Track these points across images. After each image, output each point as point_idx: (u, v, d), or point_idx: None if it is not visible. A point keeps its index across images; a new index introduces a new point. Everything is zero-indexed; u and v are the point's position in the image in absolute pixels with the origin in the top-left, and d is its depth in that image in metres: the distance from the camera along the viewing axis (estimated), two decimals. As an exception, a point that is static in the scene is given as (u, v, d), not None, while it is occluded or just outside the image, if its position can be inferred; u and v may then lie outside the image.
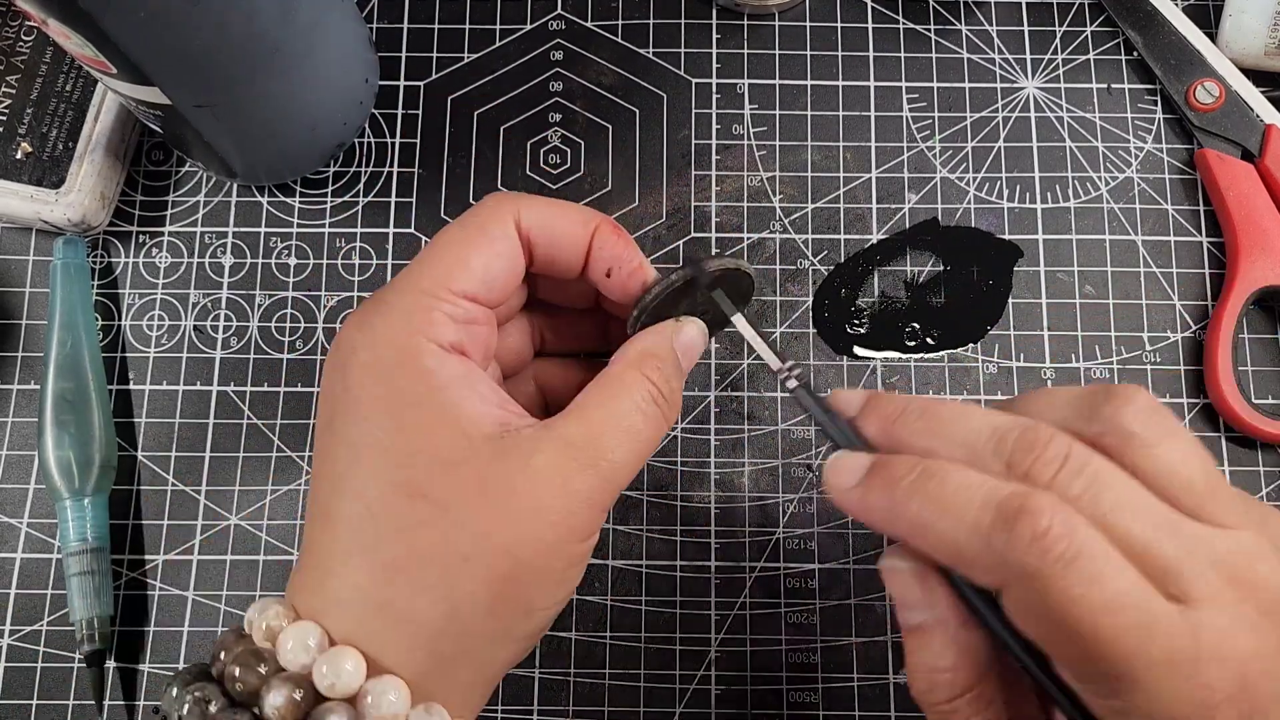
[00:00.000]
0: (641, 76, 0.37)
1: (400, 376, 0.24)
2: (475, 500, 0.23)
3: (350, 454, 0.24)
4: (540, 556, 0.24)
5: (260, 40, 0.29)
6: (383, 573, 0.23)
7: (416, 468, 0.23)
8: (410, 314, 0.25)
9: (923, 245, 0.36)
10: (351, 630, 0.23)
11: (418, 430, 0.24)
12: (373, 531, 0.23)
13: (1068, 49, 0.37)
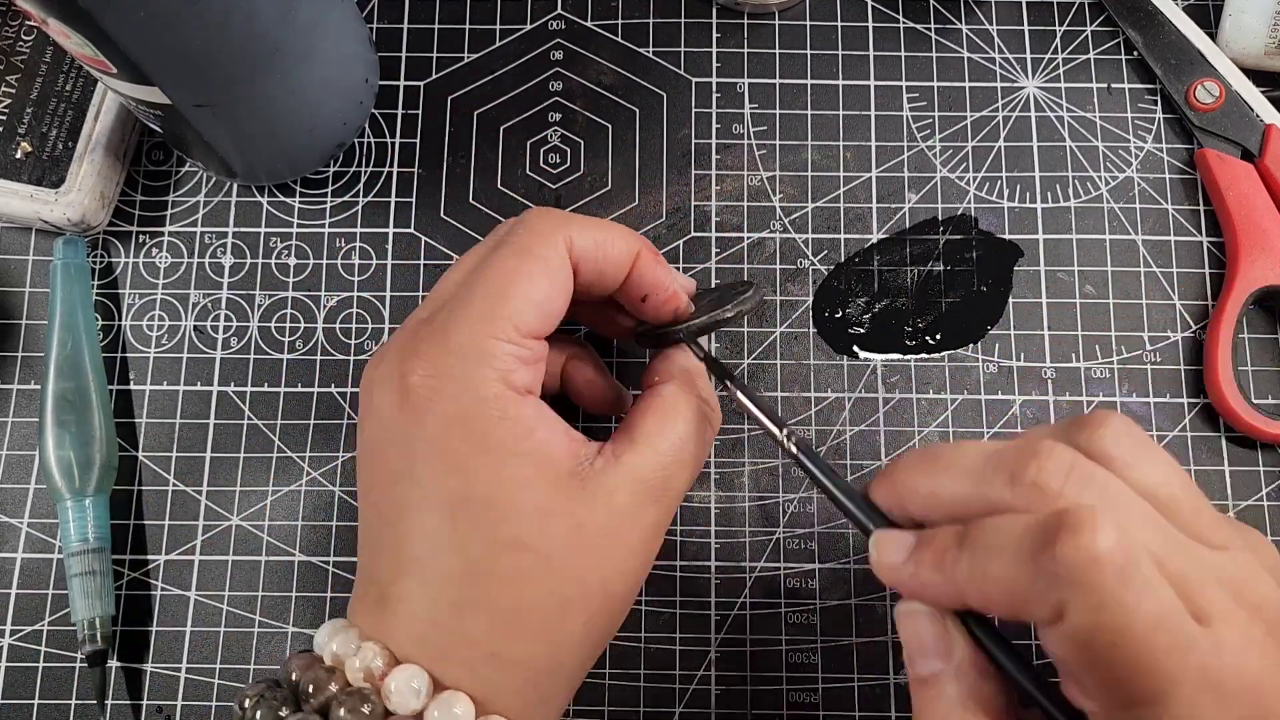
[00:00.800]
0: (641, 76, 0.37)
1: (492, 431, 0.24)
2: (573, 547, 0.24)
3: (444, 509, 0.24)
4: (628, 587, 0.26)
5: (260, 40, 0.29)
6: (493, 625, 0.24)
7: (519, 521, 0.24)
8: (487, 359, 0.25)
9: (923, 245, 0.36)
10: (460, 679, 0.24)
11: (519, 485, 0.24)
12: (484, 584, 0.24)
13: (1068, 48, 0.37)
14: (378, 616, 0.24)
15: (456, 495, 0.24)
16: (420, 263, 0.36)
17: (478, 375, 0.24)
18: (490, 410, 0.24)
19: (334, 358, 0.35)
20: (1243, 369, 0.34)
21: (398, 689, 0.23)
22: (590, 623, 0.25)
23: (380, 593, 0.24)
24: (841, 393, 0.34)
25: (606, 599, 0.25)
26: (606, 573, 0.25)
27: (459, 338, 0.25)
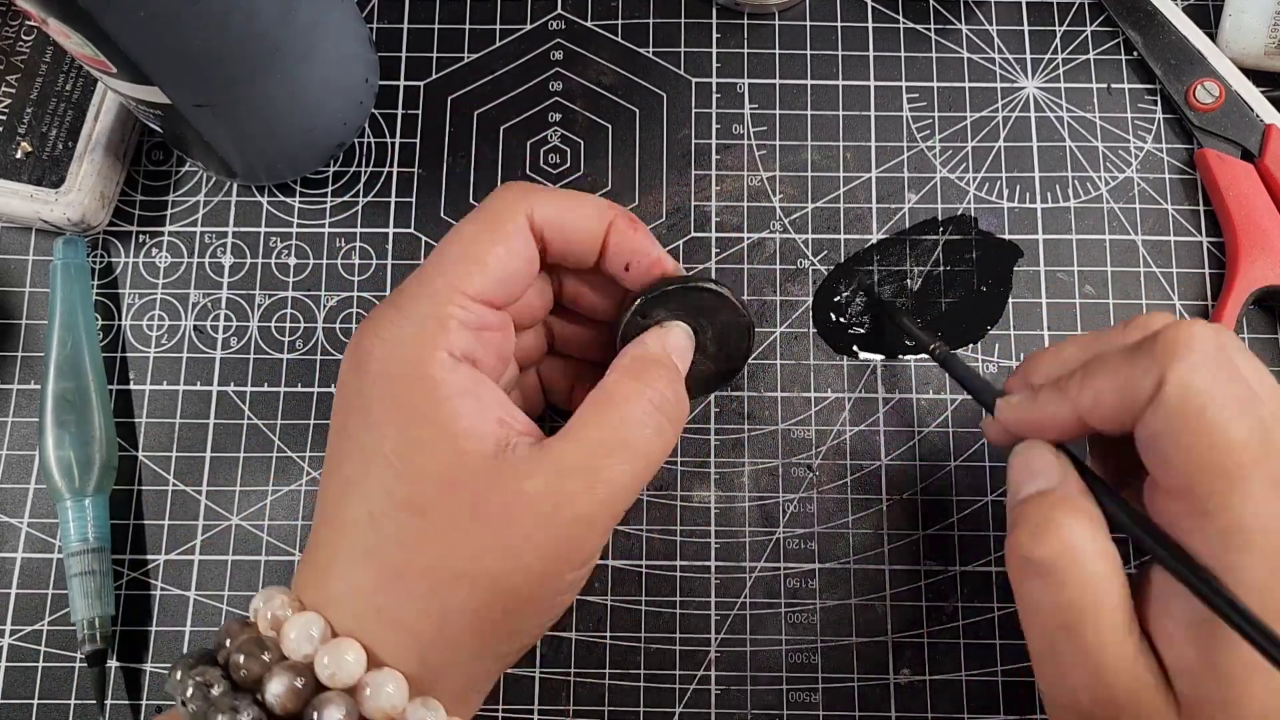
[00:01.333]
0: (641, 76, 0.37)
1: (410, 389, 0.24)
2: (469, 523, 0.24)
3: (361, 461, 0.25)
4: (527, 586, 0.24)
5: (260, 40, 0.29)
6: (381, 579, 0.24)
7: (418, 484, 0.24)
8: (424, 321, 0.25)
9: (923, 245, 0.36)
10: (351, 627, 0.24)
11: (421, 447, 0.24)
12: (374, 539, 0.24)
13: (1068, 49, 0.37)
14: (302, 567, 0.25)
15: (371, 450, 0.24)
16: (420, 263, 0.36)
17: (411, 334, 0.25)
18: (416, 371, 0.24)
19: (334, 358, 0.35)
20: (1243, 369, 0.34)
21: (295, 636, 0.23)
22: (481, 612, 0.24)
23: (310, 541, 0.25)
24: (841, 393, 0.34)
25: (500, 593, 0.24)
26: (502, 564, 0.24)
27: (404, 300, 0.26)
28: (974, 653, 0.32)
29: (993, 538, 0.33)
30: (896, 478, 0.34)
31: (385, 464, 0.24)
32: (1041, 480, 0.25)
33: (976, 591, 0.33)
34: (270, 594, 0.24)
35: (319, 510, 0.25)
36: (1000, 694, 0.32)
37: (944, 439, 0.34)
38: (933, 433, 0.34)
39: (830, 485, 0.34)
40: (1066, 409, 0.25)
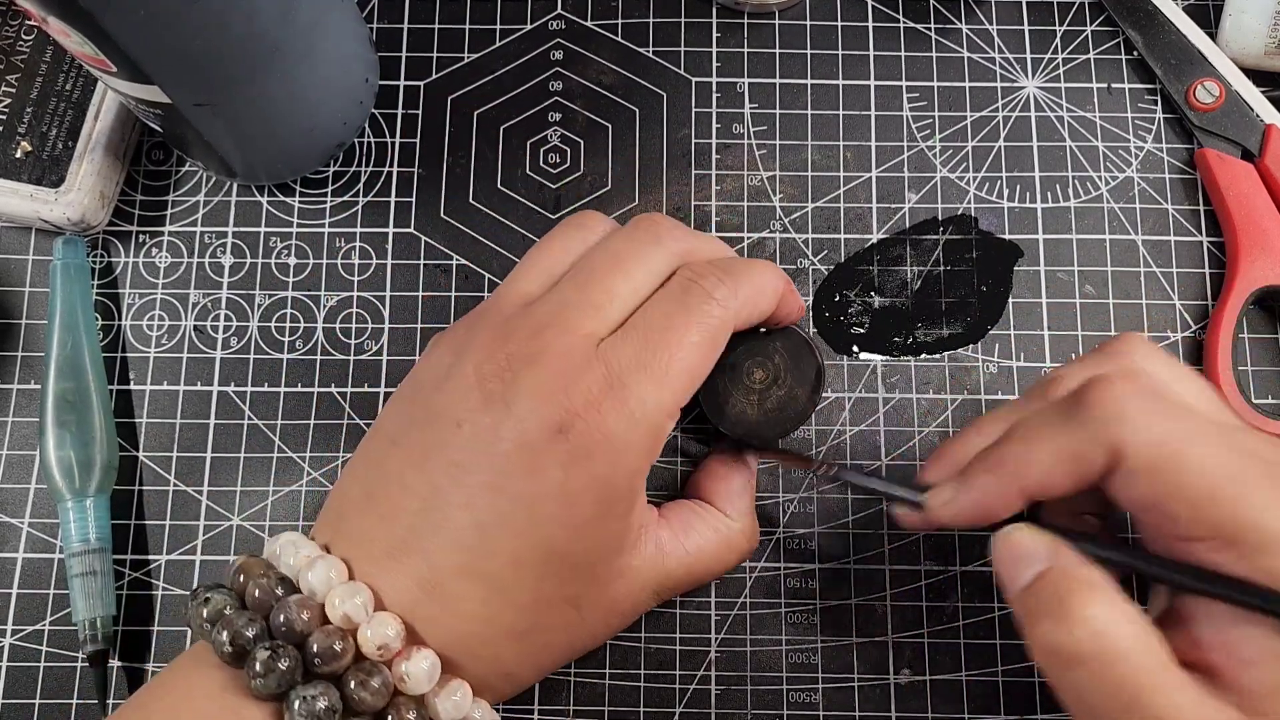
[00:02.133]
0: (641, 76, 0.37)
1: (619, 503, 0.26)
2: (603, 617, 0.27)
3: (542, 552, 0.25)
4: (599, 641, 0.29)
5: (260, 39, 0.29)
6: (525, 656, 0.26)
7: (587, 589, 0.26)
8: (652, 435, 0.25)
9: (923, 245, 0.36)
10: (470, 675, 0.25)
11: (601, 560, 0.26)
12: (531, 623, 0.26)
13: (1068, 48, 0.37)
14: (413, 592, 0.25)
15: (558, 546, 0.25)
16: (420, 263, 0.36)
17: (636, 447, 0.25)
18: (627, 486, 0.25)
19: (334, 358, 0.35)
20: (1243, 369, 0.34)
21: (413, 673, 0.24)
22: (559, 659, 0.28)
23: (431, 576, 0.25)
24: (841, 393, 0.34)
25: (589, 650, 0.28)
26: (604, 637, 0.28)
27: (635, 398, 0.25)
28: (974, 653, 0.32)
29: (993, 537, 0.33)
30: (896, 478, 0.34)
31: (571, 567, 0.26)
32: (1036, 562, 0.24)
33: (976, 591, 0.33)
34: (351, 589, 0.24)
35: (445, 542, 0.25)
36: (1000, 694, 0.32)
37: (944, 439, 0.34)
38: (933, 433, 0.34)
39: (830, 485, 0.34)
40: (1008, 487, 0.24)
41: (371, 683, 0.24)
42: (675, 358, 0.25)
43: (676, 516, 0.29)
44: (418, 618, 0.25)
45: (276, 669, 0.23)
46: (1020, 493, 0.24)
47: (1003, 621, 0.32)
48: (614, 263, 0.27)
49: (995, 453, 0.24)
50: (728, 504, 0.30)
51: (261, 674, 0.23)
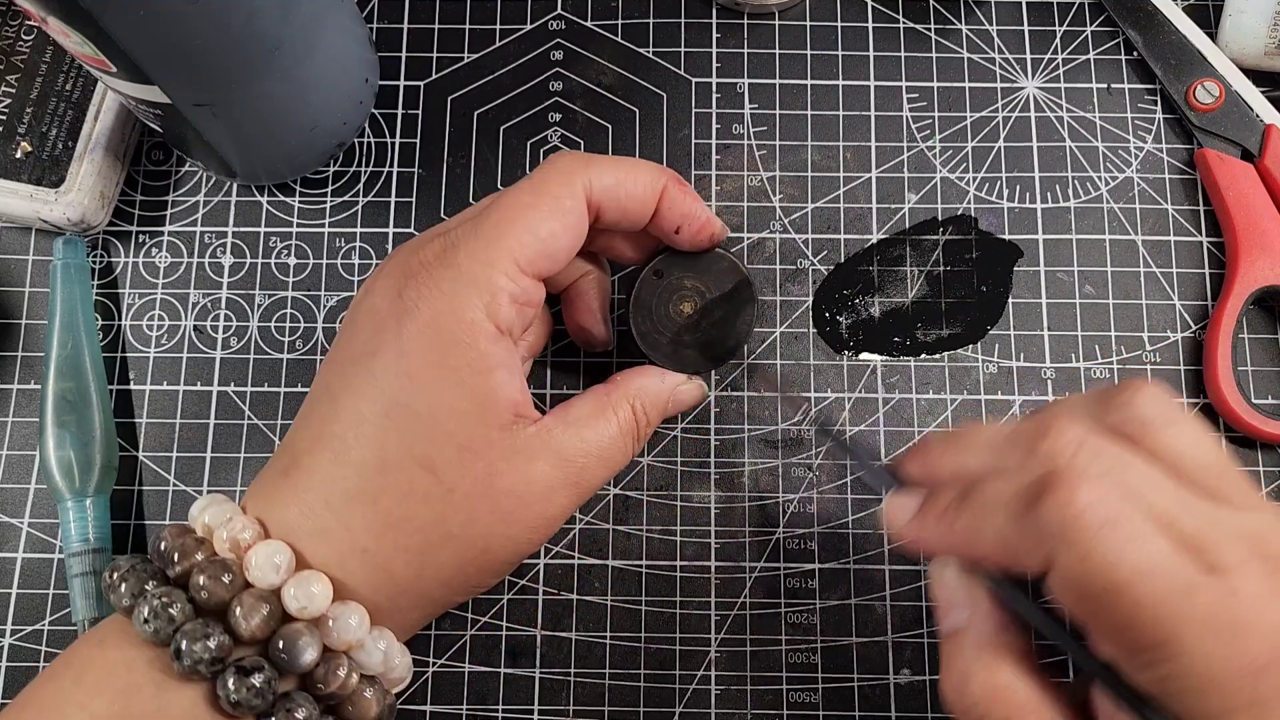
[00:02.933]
0: (641, 76, 0.37)
1: (455, 352, 0.26)
2: (475, 490, 0.26)
3: (382, 405, 0.25)
4: (507, 552, 0.27)
5: (260, 39, 0.29)
6: (375, 524, 0.25)
7: (439, 446, 0.25)
8: (479, 286, 0.26)
9: (923, 245, 0.36)
10: (327, 561, 0.25)
11: (452, 412, 0.26)
12: (379, 485, 0.25)
13: (1068, 49, 0.37)
14: (275, 485, 0.26)
15: (398, 398, 0.25)
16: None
17: (464, 296, 0.26)
18: (460, 333, 0.26)
19: (334, 358, 0.35)
20: (1243, 369, 0.34)
21: (259, 562, 0.24)
22: (463, 567, 0.27)
23: (291, 461, 0.26)
24: (841, 393, 0.34)
25: (483, 554, 0.27)
26: (493, 530, 0.26)
27: (460, 256, 0.26)
28: (974, 653, 0.32)
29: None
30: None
31: (413, 418, 0.25)
32: (954, 615, 0.24)
33: (976, 591, 0.33)
34: (223, 509, 0.25)
35: (317, 433, 0.26)
36: (1000, 694, 0.32)
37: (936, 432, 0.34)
38: (933, 433, 0.34)
39: (830, 485, 0.34)
40: (951, 544, 0.24)
41: (220, 576, 0.24)
42: (504, 219, 0.26)
43: (565, 406, 0.29)
44: (272, 503, 0.25)
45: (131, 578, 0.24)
46: (965, 556, 0.24)
47: (1003, 622, 0.32)
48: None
49: (952, 512, 0.24)
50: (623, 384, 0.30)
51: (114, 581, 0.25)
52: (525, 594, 0.33)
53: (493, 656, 0.32)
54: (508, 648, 0.32)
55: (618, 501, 0.34)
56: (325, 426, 0.26)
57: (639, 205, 0.28)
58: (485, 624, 0.33)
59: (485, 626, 0.33)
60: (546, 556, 0.33)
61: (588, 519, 0.33)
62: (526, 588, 0.33)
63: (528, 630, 0.33)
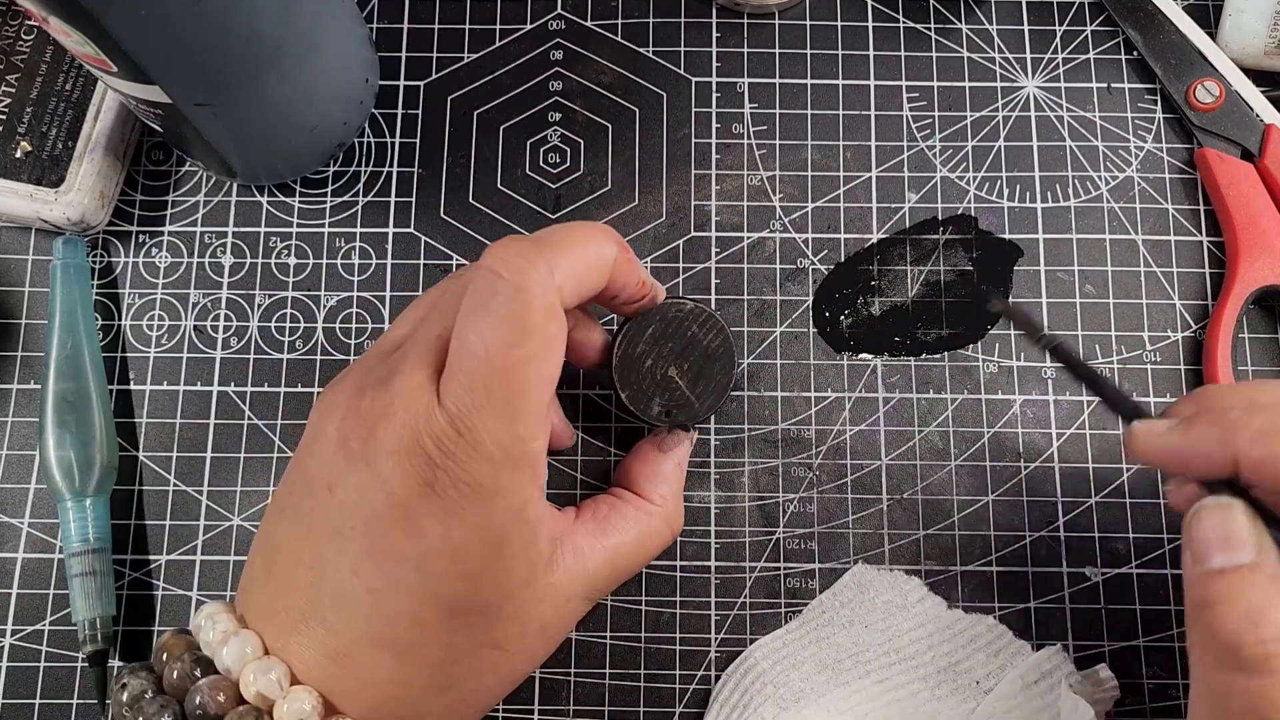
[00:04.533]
0: (641, 75, 0.37)
1: (510, 541, 0.25)
2: (535, 644, 0.27)
3: (444, 608, 0.24)
4: (534, 667, 0.29)
5: (261, 39, 0.29)
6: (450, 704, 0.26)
7: (504, 628, 0.26)
8: (518, 465, 0.24)
9: (923, 245, 0.36)
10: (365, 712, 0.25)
11: (513, 595, 0.25)
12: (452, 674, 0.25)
13: (1068, 48, 0.37)
14: (324, 665, 0.24)
15: (459, 599, 0.25)
16: (420, 262, 0.36)
17: (507, 483, 0.24)
18: (513, 523, 0.25)
19: (334, 358, 0.35)
20: (1243, 369, 0.34)
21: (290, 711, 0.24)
22: (492, 695, 0.28)
23: (338, 646, 0.24)
24: (841, 393, 0.34)
25: (529, 673, 0.29)
26: (542, 657, 0.28)
27: (483, 439, 0.23)
28: (974, 652, 0.32)
29: (993, 537, 0.33)
30: (896, 478, 0.34)
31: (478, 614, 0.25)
32: (1240, 553, 0.22)
33: (976, 591, 0.33)
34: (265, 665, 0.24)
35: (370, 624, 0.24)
36: (1000, 693, 0.32)
37: (944, 439, 0.34)
38: (933, 433, 0.34)
39: (830, 485, 0.34)
40: (1223, 452, 0.23)
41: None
42: (507, 382, 0.23)
43: (593, 515, 0.29)
44: (332, 690, 0.24)
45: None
46: (1229, 467, 0.23)
47: (1002, 621, 0.32)
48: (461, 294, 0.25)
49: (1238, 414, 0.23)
50: (652, 489, 0.30)
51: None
52: (525, 594, 0.33)
53: (493, 656, 0.32)
54: (508, 647, 0.32)
55: (618, 501, 0.34)
56: (380, 627, 0.24)
57: (596, 289, 0.27)
58: (485, 624, 0.33)
59: (485, 626, 0.33)
60: (547, 556, 0.33)
61: (588, 519, 0.33)
62: (527, 587, 0.33)
63: (528, 630, 0.33)
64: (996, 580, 0.33)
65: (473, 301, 0.24)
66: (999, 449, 0.34)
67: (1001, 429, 0.34)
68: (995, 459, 0.34)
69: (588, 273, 0.26)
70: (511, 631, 0.26)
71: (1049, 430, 0.34)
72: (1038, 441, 0.34)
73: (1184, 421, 0.24)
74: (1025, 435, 0.34)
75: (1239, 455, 0.23)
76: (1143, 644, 0.32)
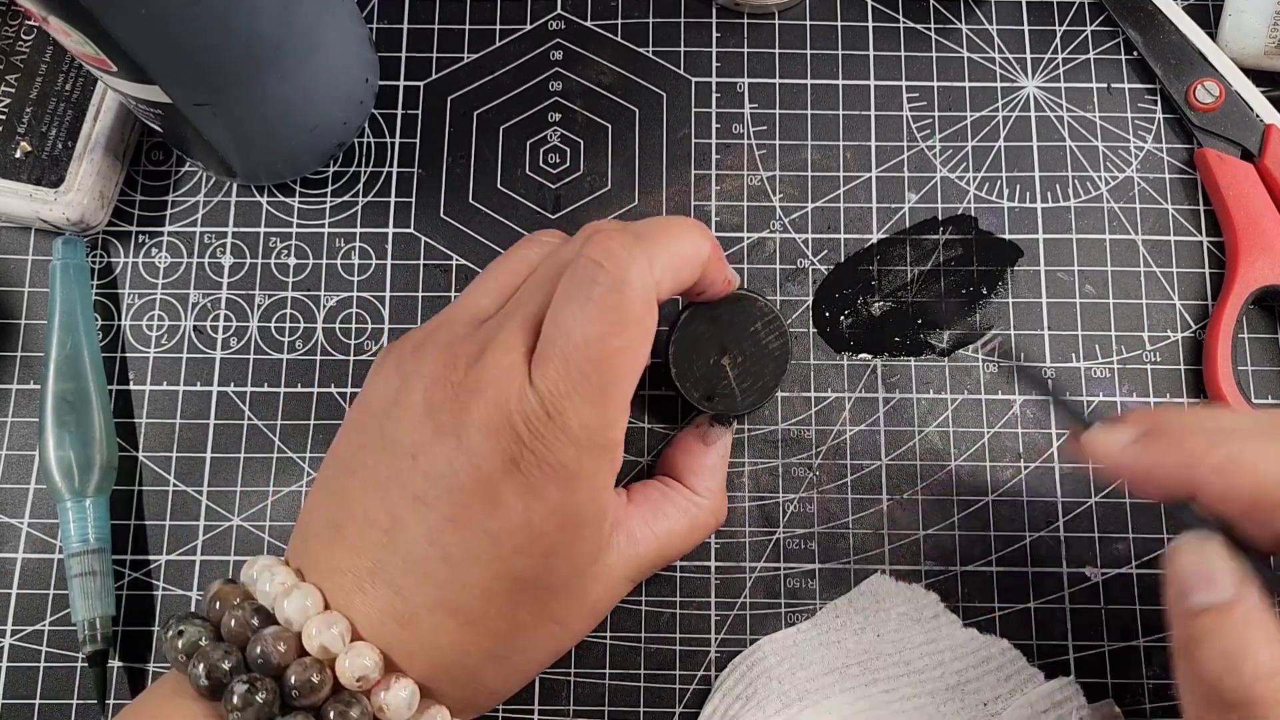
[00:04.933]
0: (641, 76, 0.37)
1: (588, 527, 0.26)
2: (588, 621, 0.28)
3: (514, 582, 0.25)
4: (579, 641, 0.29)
5: (261, 39, 0.29)
6: (510, 675, 0.27)
7: (567, 606, 0.27)
8: (602, 454, 0.25)
9: (923, 245, 0.36)
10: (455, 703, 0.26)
11: (581, 574, 0.26)
12: (512, 645, 0.26)
13: (1068, 48, 0.37)
14: (389, 625, 0.25)
15: (529, 575, 0.25)
16: (420, 263, 0.36)
17: (590, 469, 0.25)
18: (592, 511, 0.25)
19: (334, 358, 0.35)
20: (1243, 369, 0.34)
21: (394, 704, 0.24)
22: (542, 664, 0.28)
23: (405, 609, 0.25)
24: (841, 393, 0.34)
25: (575, 643, 0.29)
26: (587, 631, 0.29)
27: (572, 423, 0.24)
28: (974, 652, 0.32)
29: (993, 537, 0.33)
30: (896, 478, 0.34)
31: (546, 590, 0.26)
32: (1219, 590, 0.22)
33: (976, 591, 0.33)
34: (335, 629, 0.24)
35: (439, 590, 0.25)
36: (1000, 694, 0.32)
37: (944, 439, 0.34)
38: (933, 433, 0.34)
39: (830, 485, 0.34)
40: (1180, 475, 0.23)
41: (350, 714, 0.23)
42: (601, 370, 0.24)
43: (645, 500, 0.29)
44: (394, 648, 0.25)
45: (254, 702, 0.23)
46: (1186, 489, 0.23)
47: (1003, 621, 0.32)
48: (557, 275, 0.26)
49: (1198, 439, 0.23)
50: (698, 481, 0.30)
51: (240, 707, 0.23)
52: (525, 594, 0.33)
53: (493, 656, 0.32)
54: (508, 648, 0.32)
55: (618, 501, 0.34)
56: (450, 594, 0.25)
57: (690, 280, 0.27)
58: (485, 624, 0.33)
59: (485, 626, 0.33)
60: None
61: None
62: (527, 588, 0.33)
63: (528, 630, 0.33)
64: (996, 580, 0.33)
65: (573, 288, 0.24)
66: (999, 449, 0.34)
67: (1001, 429, 0.34)
68: (995, 459, 0.34)
69: (683, 268, 0.26)
70: (571, 609, 0.27)
71: (1049, 430, 0.34)
72: (1038, 441, 0.34)
73: (1145, 436, 0.25)
74: (1025, 435, 0.34)
75: (1200, 483, 0.23)
76: (1143, 644, 0.32)
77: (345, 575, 0.25)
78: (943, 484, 0.34)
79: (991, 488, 0.34)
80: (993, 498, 0.33)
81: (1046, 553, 0.33)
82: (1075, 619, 0.32)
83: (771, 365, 0.31)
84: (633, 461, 0.34)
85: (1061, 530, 0.33)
